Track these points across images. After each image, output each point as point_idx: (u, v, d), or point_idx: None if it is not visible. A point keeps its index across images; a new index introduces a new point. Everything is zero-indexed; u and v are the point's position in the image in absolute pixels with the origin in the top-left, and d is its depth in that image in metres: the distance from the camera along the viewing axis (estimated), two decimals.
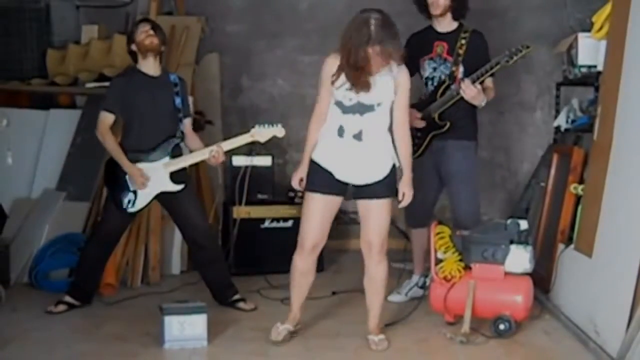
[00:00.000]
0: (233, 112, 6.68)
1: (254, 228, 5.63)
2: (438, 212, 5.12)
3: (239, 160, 5.71)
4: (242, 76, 6.78)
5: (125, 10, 6.43)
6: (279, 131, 4.50)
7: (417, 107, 4.80)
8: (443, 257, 4.40)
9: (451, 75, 4.71)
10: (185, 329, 4.03)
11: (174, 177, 4.57)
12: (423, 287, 4.81)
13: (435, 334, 4.28)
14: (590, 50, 4.89)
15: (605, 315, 3.90)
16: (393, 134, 4.02)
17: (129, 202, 4.55)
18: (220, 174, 6.12)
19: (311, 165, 4.02)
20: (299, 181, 4.05)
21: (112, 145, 4.53)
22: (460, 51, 4.71)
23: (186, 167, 4.65)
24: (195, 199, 4.80)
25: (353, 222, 4.15)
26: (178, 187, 4.58)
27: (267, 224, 5.67)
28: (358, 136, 3.92)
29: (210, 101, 6.28)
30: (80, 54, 6.04)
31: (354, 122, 3.92)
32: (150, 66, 4.59)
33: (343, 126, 3.93)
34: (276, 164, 5.96)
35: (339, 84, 3.88)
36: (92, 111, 5.18)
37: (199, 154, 4.59)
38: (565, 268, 4.60)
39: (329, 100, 3.96)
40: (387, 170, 4.00)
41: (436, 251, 4.40)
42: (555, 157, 5.32)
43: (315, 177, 3.99)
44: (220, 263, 4.87)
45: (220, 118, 6.34)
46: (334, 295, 5.06)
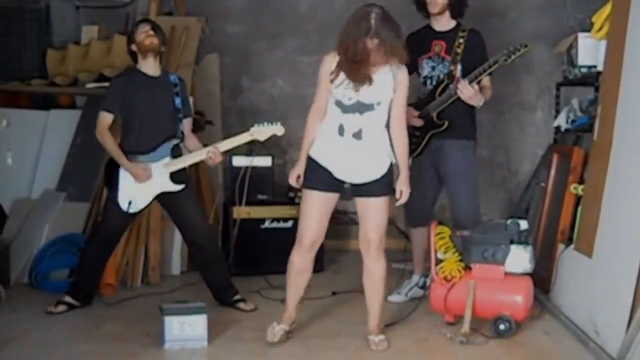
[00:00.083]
0: (233, 112, 6.68)
1: (254, 228, 5.63)
2: (438, 212, 5.12)
3: (239, 161, 5.71)
4: (242, 76, 6.78)
5: (125, 11, 6.43)
6: (278, 129, 4.50)
7: (416, 106, 4.80)
8: (443, 257, 4.40)
9: (449, 75, 4.71)
10: (186, 329, 4.03)
11: (174, 177, 4.57)
12: (423, 287, 4.81)
13: (435, 334, 4.28)
14: (590, 51, 4.89)
15: (606, 315, 3.90)
16: (390, 132, 4.02)
17: (130, 202, 4.55)
18: (221, 175, 6.11)
19: (309, 163, 4.01)
20: (297, 178, 4.05)
21: (111, 146, 4.53)
22: (459, 50, 4.71)
23: (186, 167, 4.65)
24: (195, 200, 4.80)
25: (353, 222, 4.15)
26: (178, 187, 4.58)
27: (267, 224, 5.66)
28: (358, 135, 3.93)
29: (210, 101, 6.27)
30: (80, 55, 6.04)
31: (353, 121, 3.91)
32: (150, 66, 4.59)
33: (343, 125, 3.93)
34: (276, 164, 5.96)
35: (338, 82, 3.88)
36: (92, 111, 5.17)
37: (197, 154, 4.59)
38: (565, 268, 4.60)
39: (326, 98, 3.96)
40: (385, 168, 4.01)
41: (436, 251, 4.40)
42: (556, 157, 5.32)
43: (314, 175, 3.99)
44: (220, 263, 4.87)
45: (220, 118, 6.33)
46: (333, 296, 5.06)
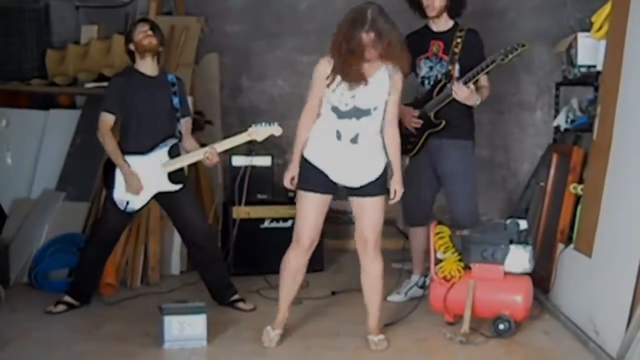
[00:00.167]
0: (233, 112, 6.68)
1: (253, 228, 5.63)
2: (437, 212, 5.11)
3: (238, 161, 5.71)
4: (241, 76, 6.78)
5: (124, 11, 6.43)
6: (275, 130, 4.50)
7: (413, 106, 4.81)
8: (443, 257, 4.40)
9: (447, 74, 4.71)
10: (185, 329, 4.03)
11: (172, 177, 4.57)
12: (423, 287, 4.80)
13: (434, 334, 4.28)
14: (589, 50, 4.89)
15: (605, 315, 3.90)
16: (382, 133, 4.02)
17: (127, 202, 4.55)
18: (220, 174, 6.11)
19: (305, 165, 4.00)
20: (291, 180, 4.05)
21: (112, 147, 4.53)
22: (456, 50, 4.70)
23: (183, 167, 4.65)
24: (194, 200, 4.80)
25: (353, 222, 4.14)
26: (176, 187, 4.58)
27: (266, 224, 5.66)
28: (354, 140, 3.92)
29: (210, 101, 6.27)
30: (79, 54, 6.04)
31: (350, 126, 3.91)
32: (148, 66, 4.59)
33: (340, 130, 3.92)
34: (276, 164, 5.95)
35: (334, 86, 3.86)
36: (92, 111, 5.17)
37: (194, 154, 4.59)
38: (564, 268, 4.60)
39: (320, 99, 3.94)
40: (381, 169, 4.01)
41: (436, 251, 4.40)
42: (555, 157, 5.32)
43: (309, 177, 3.99)
44: (220, 263, 4.87)
45: (219, 118, 6.34)
46: (333, 295, 5.06)
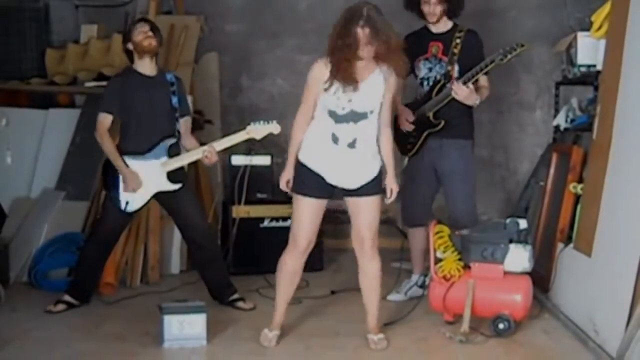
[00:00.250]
0: (232, 111, 6.67)
1: (253, 227, 5.62)
2: (437, 211, 5.11)
3: (238, 160, 5.71)
4: (241, 76, 6.78)
5: (124, 10, 6.43)
6: (274, 128, 4.50)
7: (412, 106, 4.81)
8: (442, 256, 4.40)
9: (447, 75, 4.71)
10: (185, 328, 4.03)
11: (171, 176, 4.57)
12: (422, 287, 4.80)
13: (434, 333, 4.28)
14: (589, 50, 4.89)
15: (605, 314, 3.90)
16: (378, 134, 4.00)
17: (127, 202, 4.55)
18: (220, 173, 6.11)
19: (301, 168, 3.99)
20: (286, 183, 4.04)
21: (110, 147, 4.54)
22: (455, 50, 4.71)
23: (183, 166, 4.65)
24: (193, 198, 4.80)
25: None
26: (175, 186, 4.58)
27: (266, 223, 5.66)
28: (352, 144, 3.91)
29: (210, 100, 6.27)
30: (79, 54, 6.04)
31: (347, 130, 3.89)
32: (146, 66, 4.60)
33: (336, 134, 3.90)
34: (275, 163, 5.94)
35: (332, 90, 3.84)
36: (92, 110, 5.16)
37: (193, 153, 4.59)
38: (564, 267, 4.60)
39: (314, 101, 3.93)
40: (377, 170, 4.01)
41: (435, 250, 4.40)
42: (555, 156, 5.31)
43: (305, 180, 3.97)
44: (219, 263, 4.87)
45: (219, 117, 6.33)
46: (333, 295, 5.07)
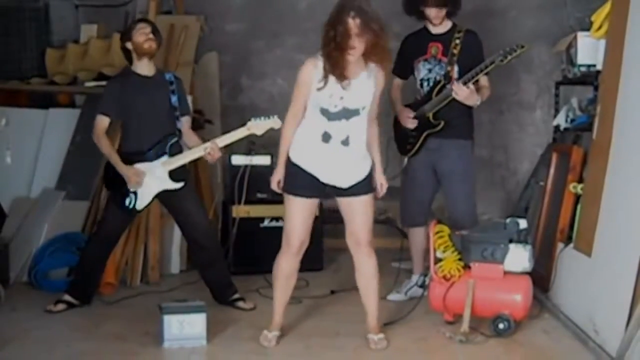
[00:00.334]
0: (232, 111, 6.66)
1: (253, 227, 5.62)
2: (437, 211, 5.12)
3: (238, 159, 5.70)
4: (241, 75, 6.78)
5: (124, 10, 6.43)
6: (275, 123, 4.49)
7: (412, 106, 4.82)
8: (442, 256, 4.40)
9: (446, 76, 4.71)
10: (185, 328, 4.03)
11: (173, 175, 4.57)
12: (422, 286, 4.80)
13: (434, 333, 4.28)
14: (589, 50, 4.88)
15: (605, 314, 3.90)
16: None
17: (130, 202, 4.56)
18: (220, 173, 6.11)
19: (292, 168, 3.99)
20: (277, 183, 4.03)
21: (107, 148, 4.55)
22: (455, 51, 4.71)
23: (185, 164, 4.65)
24: (195, 197, 4.80)
25: None
26: (178, 185, 4.58)
27: (266, 223, 5.66)
28: (345, 141, 3.90)
29: (210, 100, 6.27)
30: (79, 53, 6.03)
31: (340, 128, 3.89)
32: (144, 67, 4.61)
33: (329, 132, 3.89)
34: (275, 163, 5.92)
35: (327, 88, 3.83)
36: (92, 110, 5.16)
37: (195, 151, 4.59)
38: (564, 267, 4.60)
39: (304, 102, 3.93)
40: (368, 169, 4.02)
41: (435, 250, 4.40)
42: (555, 156, 5.31)
43: (297, 181, 3.97)
44: (221, 263, 4.87)
45: (219, 117, 6.33)
46: (333, 294, 5.07)
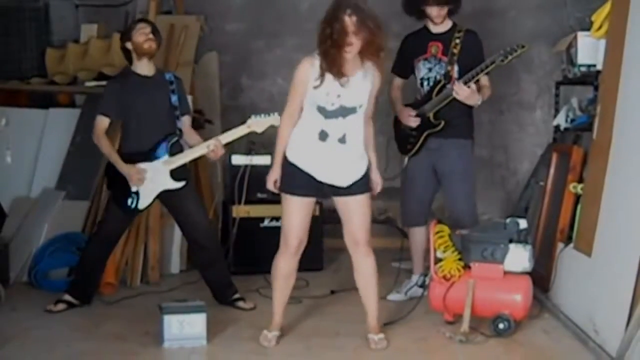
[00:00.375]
0: (232, 111, 6.66)
1: (253, 227, 5.62)
2: (437, 211, 5.12)
3: (238, 159, 5.70)
4: (241, 75, 6.77)
5: (124, 9, 6.43)
6: (275, 120, 4.47)
7: (412, 106, 4.82)
8: (442, 256, 4.40)
9: (447, 75, 4.71)
10: (185, 328, 4.03)
11: (175, 174, 4.57)
12: (422, 286, 4.80)
13: (434, 333, 4.28)
14: (589, 50, 4.88)
15: (605, 314, 3.90)
16: None
17: (132, 202, 4.56)
18: (220, 173, 6.11)
19: (289, 168, 3.97)
20: (274, 183, 4.02)
21: (107, 148, 4.56)
22: (455, 51, 4.71)
23: (185, 164, 4.65)
24: (195, 197, 4.80)
25: None
26: (179, 184, 4.59)
27: (266, 223, 5.66)
28: (342, 139, 3.90)
29: (210, 100, 6.27)
30: (79, 53, 6.03)
31: (337, 126, 3.88)
32: (144, 67, 4.61)
33: (326, 131, 3.89)
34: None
35: (324, 86, 3.83)
36: (92, 110, 5.16)
37: (198, 149, 4.59)
38: (564, 267, 4.60)
39: (300, 102, 3.92)
40: (365, 168, 4.02)
41: (435, 250, 4.40)
42: (555, 156, 5.31)
43: (294, 180, 3.96)
44: (221, 263, 4.87)
45: (219, 117, 6.33)
46: (333, 294, 5.06)
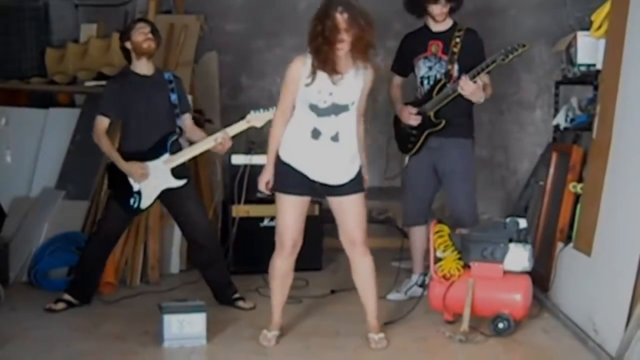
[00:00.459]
0: (232, 110, 6.64)
1: (253, 227, 5.61)
2: (437, 210, 5.12)
3: (238, 159, 5.70)
4: (241, 75, 6.78)
5: (124, 9, 6.43)
6: (274, 115, 4.48)
7: (413, 105, 4.81)
8: (442, 255, 4.40)
9: (447, 74, 4.71)
10: (185, 327, 4.03)
11: (176, 173, 4.58)
12: (422, 286, 4.80)
13: (434, 333, 4.28)
14: (589, 49, 4.88)
15: (604, 313, 3.90)
16: None
17: (135, 202, 4.57)
18: (219, 173, 6.11)
19: (282, 167, 3.96)
20: (266, 184, 4.01)
21: (108, 148, 4.56)
22: (455, 49, 4.71)
23: (185, 162, 4.65)
24: (195, 197, 4.80)
25: None
26: (181, 182, 4.59)
27: (266, 222, 5.65)
28: (335, 137, 3.89)
29: (210, 100, 6.27)
30: (79, 53, 6.03)
31: (330, 123, 3.88)
32: (143, 66, 4.62)
33: (318, 129, 3.88)
34: None
35: (315, 84, 3.82)
36: (91, 110, 5.16)
37: (203, 144, 4.58)
38: (564, 267, 4.60)
39: (292, 101, 3.92)
40: (358, 167, 4.01)
41: (435, 250, 4.40)
42: (555, 156, 5.31)
43: (288, 179, 3.95)
44: (221, 262, 4.87)
45: (219, 116, 6.33)
46: (333, 294, 5.06)
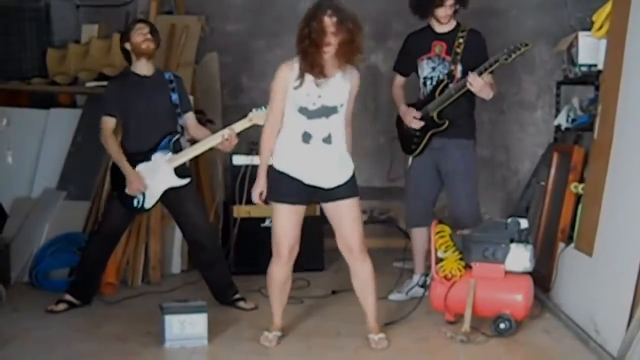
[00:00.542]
0: (233, 111, 6.64)
1: (254, 227, 5.62)
2: (439, 211, 5.12)
3: (239, 160, 5.71)
4: (242, 75, 6.78)
5: (125, 10, 6.44)
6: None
7: (415, 106, 4.82)
8: (443, 256, 4.39)
9: (450, 74, 4.71)
10: (186, 328, 4.03)
11: (178, 172, 4.59)
12: (423, 286, 4.80)
13: (435, 333, 4.28)
14: (590, 49, 4.88)
15: (606, 314, 3.90)
16: None
17: (138, 202, 4.58)
18: (221, 173, 6.11)
19: (276, 175, 3.94)
20: (259, 195, 3.99)
21: (114, 150, 4.57)
22: (458, 50, 4.71)
23: (185, 162, 4.65)
24: (196, 198, 4.80)
25: None
26: (184, 181, 4.60)
27: (267, 223, 5.61)
28: (328, 139, 3.88)
29: (211, 100, 6.27)
30: (80, 53, 6.04)
31: (321, 126, 3.87)
32: (143, 67, 4.62)
33: (309, 132, 3.87)
34: None
35: (304, 87, 3.82)
36: (92, 110, 5.18)
37: (207, 141, 4.58)
38: (565, 267, 4.60)
39: (281, 109, 3.90)
40: (351, 171, 3.99)
41: (436, 250, 4.40)
42: (556, 156, 5.31)
43: (282, 188, 3.93)
44: (221, 263, 4.88)
45: (220, 117, 6.33)
46: (334, 295, 5.06)
